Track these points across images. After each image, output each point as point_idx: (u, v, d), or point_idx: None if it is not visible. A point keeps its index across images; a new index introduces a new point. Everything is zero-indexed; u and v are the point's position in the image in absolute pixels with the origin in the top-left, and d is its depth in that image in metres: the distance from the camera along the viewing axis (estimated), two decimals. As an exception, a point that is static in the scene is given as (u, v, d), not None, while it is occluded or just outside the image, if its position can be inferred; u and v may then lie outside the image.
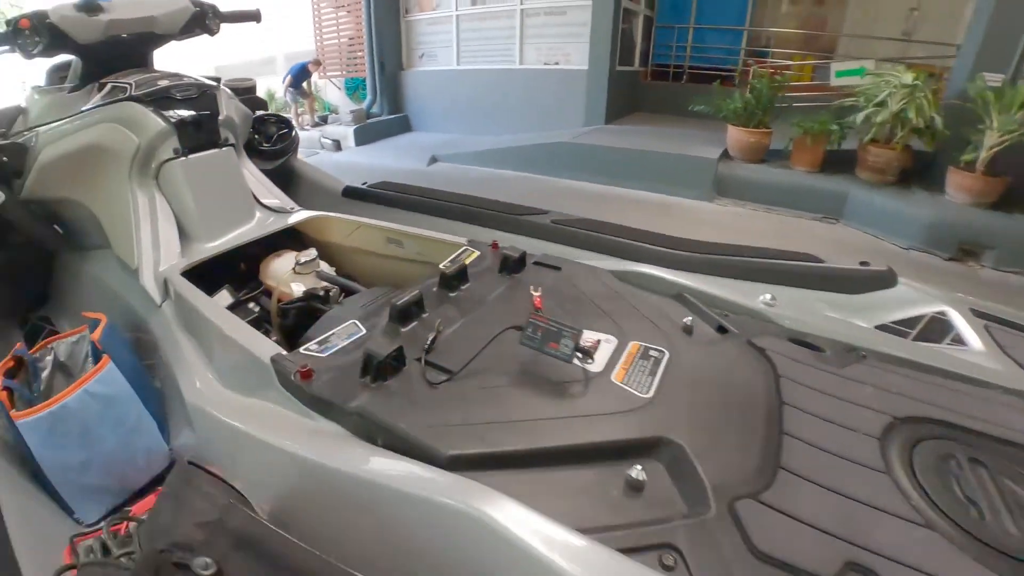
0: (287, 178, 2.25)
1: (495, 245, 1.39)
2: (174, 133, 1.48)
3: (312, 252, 1.39)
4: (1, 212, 1.50)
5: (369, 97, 7.48)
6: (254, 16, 1.98)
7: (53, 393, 1.38)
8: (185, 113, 1.51)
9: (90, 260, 1.69)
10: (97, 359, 1.18)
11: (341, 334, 1.01)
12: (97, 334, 1.17)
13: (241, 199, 1.65)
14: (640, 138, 5.07)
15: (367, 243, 1.63)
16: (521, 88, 6.30)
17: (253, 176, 1.74)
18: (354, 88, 8.16)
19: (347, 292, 1.41)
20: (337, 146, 6.79)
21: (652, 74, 6.69)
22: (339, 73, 8.17)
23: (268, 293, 1.48)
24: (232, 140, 1.65)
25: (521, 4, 6.15)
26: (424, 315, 1.07)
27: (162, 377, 1.35)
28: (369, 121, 7.10)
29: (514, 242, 1.74)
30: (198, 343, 1.24)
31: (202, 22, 1.78)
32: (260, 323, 1.36)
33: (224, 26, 1.88)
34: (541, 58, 6.19)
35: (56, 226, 1.69)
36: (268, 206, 1.71)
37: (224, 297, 1.35)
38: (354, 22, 7.55)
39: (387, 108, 7.45)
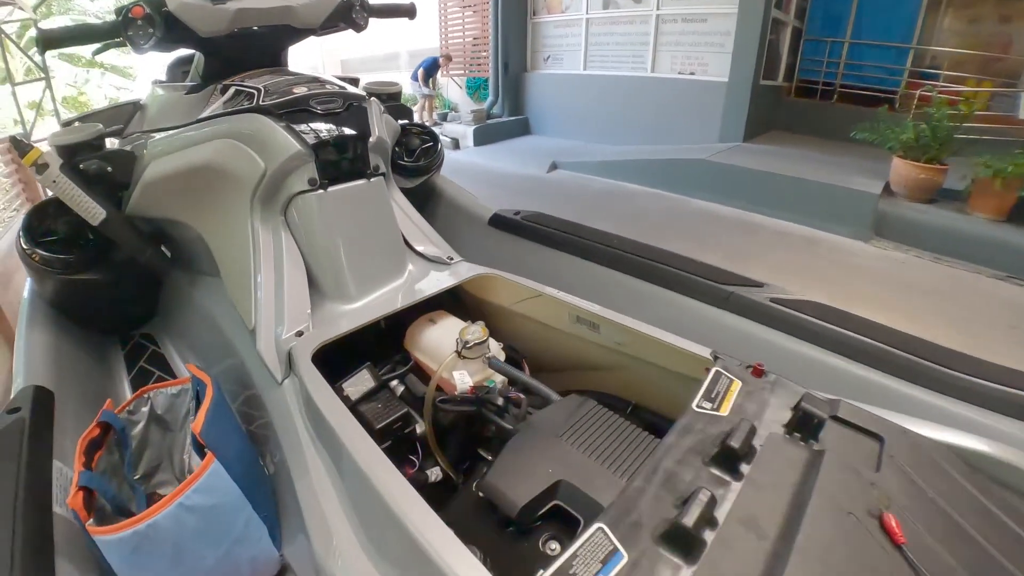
0: (425, 197, 1.88)
1: (758, 371, 0.89)
2: (312, 158, 1.12)
3: (482, 331, 0.98)
4: (103, 230, 1.21)
5: (491, 97, 7.16)
6: (408, 11, 1.60)
7: (148, 447, 1.09)
8: (326, 131, 1.14)
9: (200, 287, 1.39)
10: (201, 453, 0.84)
11: (589, 557, 0.58)
12: (200, 421, 0.82)
13: (391, 246, 1.26)
14: (786, 162, 4.36)
15: (544, 315, 1.20)
16: (650, 97, 5.71)
17: (405, 213, 1.36)
18: (475, 87, 7.88)
19: (513, 385, 1.00)
20: (455, 144, 6.54)
21: (796, 91, 5.84)
22: (462, 72, 7.93)
23: (416, 368, 1.09)
24: (383, 168, 1.27)
25: (657, 9, 5.55)
26: (712, 531, 0.60)
27: (275, 461, 1.00)
28: (489, 122, 6.79)
29: (714, 319, 1.27)
30: (330, 458, 0.87)
31: (347, 15, 1.42)
32: (408, 419, 0.97)
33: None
34: (675, 67, 5.57)
35: (164, 247, 1.40)
36: (423, 254, 1.32)
37: (364, 379, 0.97)
38: (480, 22, 7.25)
39: (508, 109, 7.11)
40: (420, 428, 1.01)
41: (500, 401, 0.90)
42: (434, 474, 0.98)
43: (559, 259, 1.58)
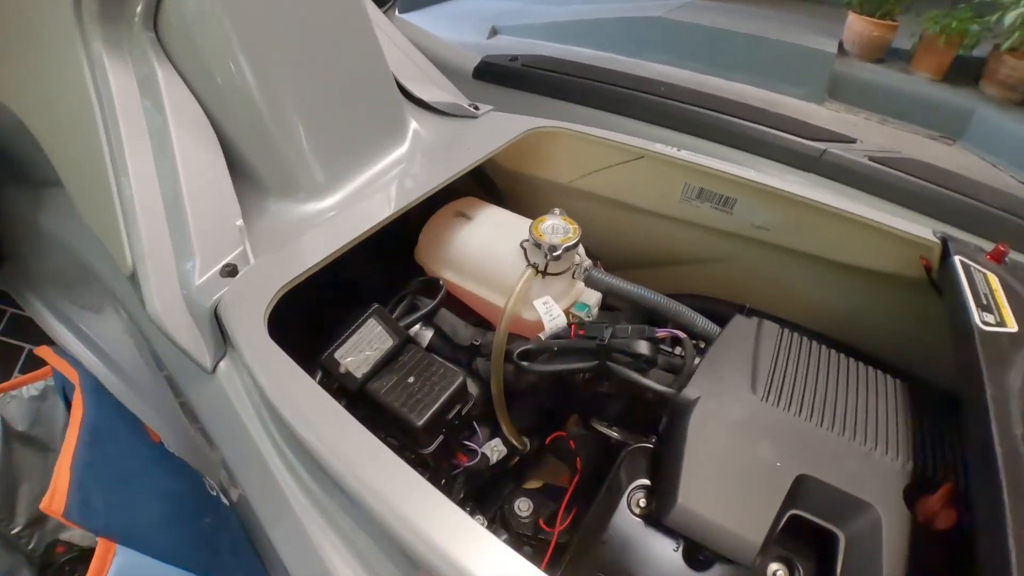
0: None
1: (1000, 253, 0.53)
2: None
3: (571, 225, 0.53)
4: None
5: (412, -52, 5.78)
6: None
7: (20, 480, 0.63)
8: None
9: (48, 206, 0.78)
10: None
11: None
12: (60, 492, 0.36)
13: (377, 85, 0.69)
14: (742, 19, 3.86)
15: (631, 189, 0.73)
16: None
17: (387, 35, 0.77)
18: (392, -65, 6.34)
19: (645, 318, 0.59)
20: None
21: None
22: (374, -86, 6.30)
23: (448, 297, 0.62)
24: None
25: None
26: None
27: (238, 483, 0.56)
28: (414, -21, 5.52)
29: (811, 183, 0.91)
30: (318, 487, 0.44)
31: None
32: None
33: None
34: (623, -92, 4.57)
35: None
36: (428, 103, 0.74)
37: (374, 336, 0.50)
38: None
39: (433, -37, 5.79)
40: (474, 388, 0.59)
41: (644, 348, 0.48)
42: (495, 452, 0.60)
43: (582, 116, 1.10)
